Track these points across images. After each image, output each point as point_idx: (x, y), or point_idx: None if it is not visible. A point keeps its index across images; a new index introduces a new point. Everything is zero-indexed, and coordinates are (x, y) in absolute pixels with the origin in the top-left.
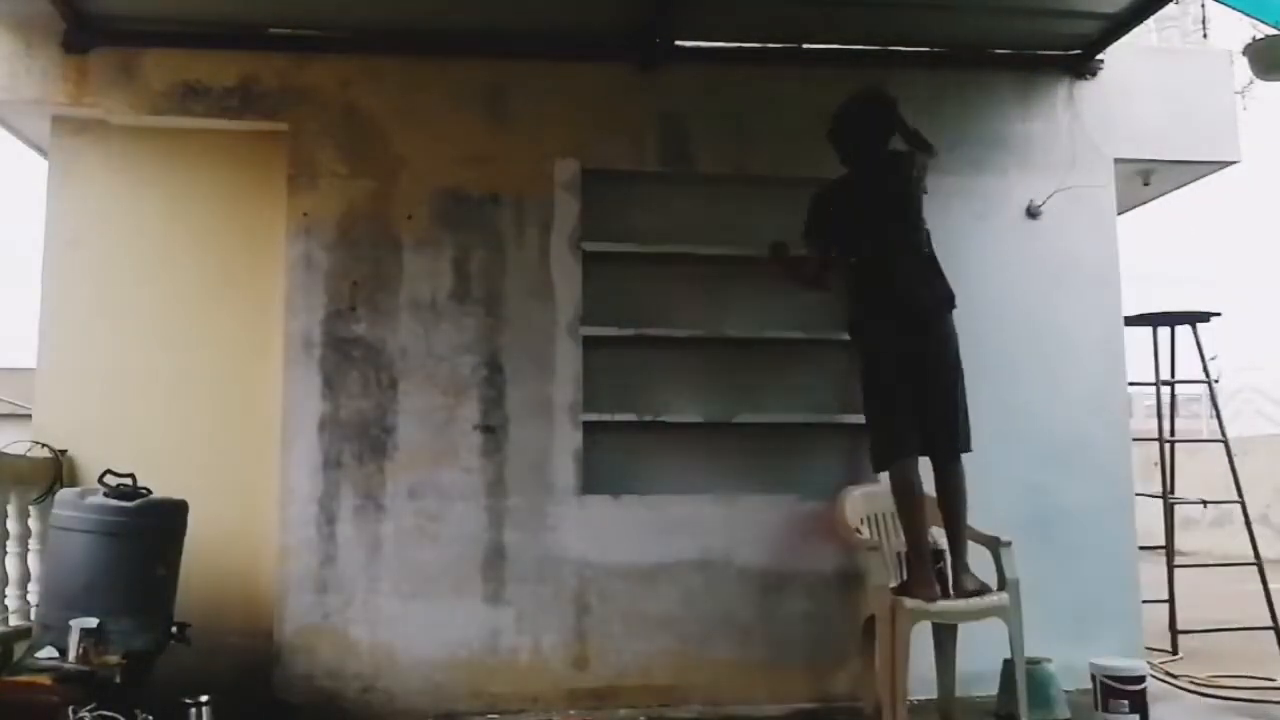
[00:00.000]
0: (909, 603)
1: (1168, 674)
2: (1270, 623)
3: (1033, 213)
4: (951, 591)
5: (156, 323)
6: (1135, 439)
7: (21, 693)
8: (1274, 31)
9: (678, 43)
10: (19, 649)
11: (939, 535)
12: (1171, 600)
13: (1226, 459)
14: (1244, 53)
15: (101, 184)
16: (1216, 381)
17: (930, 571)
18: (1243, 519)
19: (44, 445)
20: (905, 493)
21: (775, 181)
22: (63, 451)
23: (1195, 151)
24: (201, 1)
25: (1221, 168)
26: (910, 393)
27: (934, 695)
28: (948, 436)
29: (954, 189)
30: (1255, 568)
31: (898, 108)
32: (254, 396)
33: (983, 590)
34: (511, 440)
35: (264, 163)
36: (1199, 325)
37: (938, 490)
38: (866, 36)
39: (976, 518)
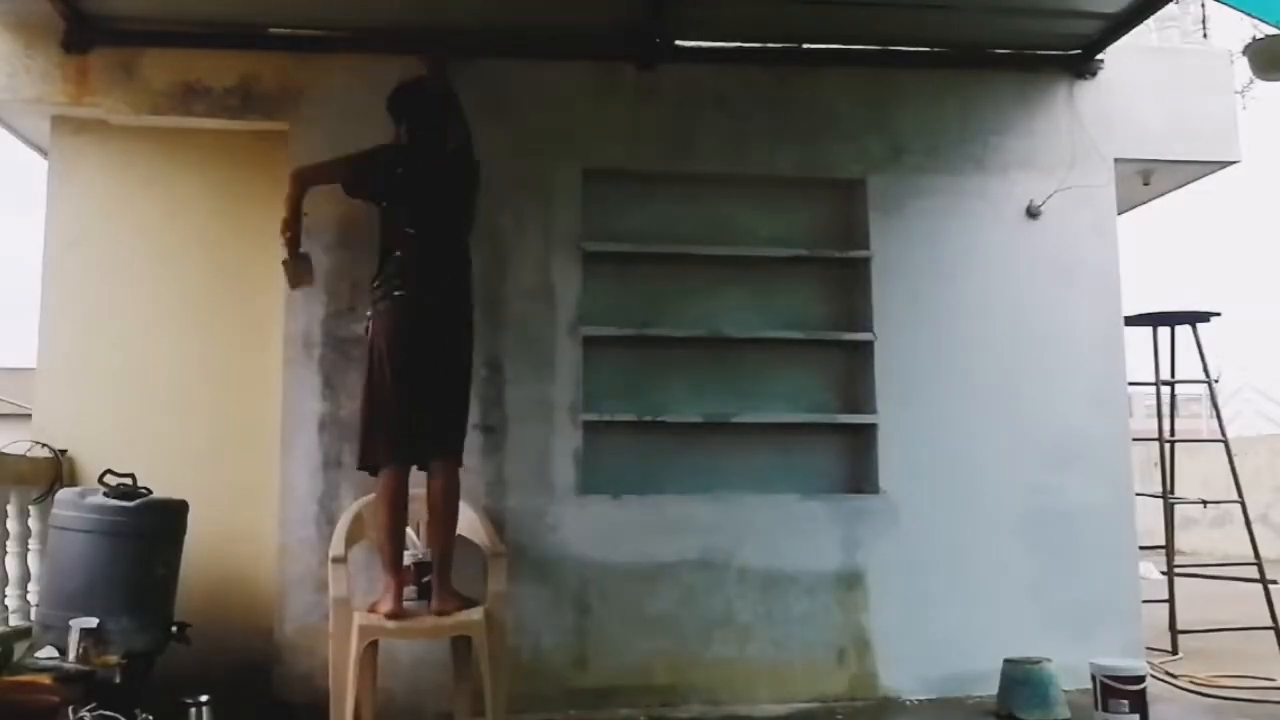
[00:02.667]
0: (360, 619)
1: (1168, 674)
2: (1270, 623)
3: (1033, 213)
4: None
5: (156, 322)
6: (1135, 439)
7: (21, 693)
8: (1274, 31)
9: (678, 43)
10: (19, 649)
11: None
12: (1171, 600)
13: (1226, 459)
14: (1244, 53)
15: (101, 184)
16: (1216, 381)
17: (394, 586)
18: (1243, 519)
19: (44, 445)
20: (383, 501)
21: (775, 181)
22: (63, 451)
23: (1195, 151)
24: (201, 1)
25: (1221, 168)
26: (406, 394)
27: (934, 695)
28: (438, 442)
29: (954, 189)
30: (1255, 567)
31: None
32: (254, 396)
33: (464, 606)
34: (511, 440)
35: (264, 163)
36: (1199, 325)
37: (427, 498)
38: (866, 36)
39: (978, 517)
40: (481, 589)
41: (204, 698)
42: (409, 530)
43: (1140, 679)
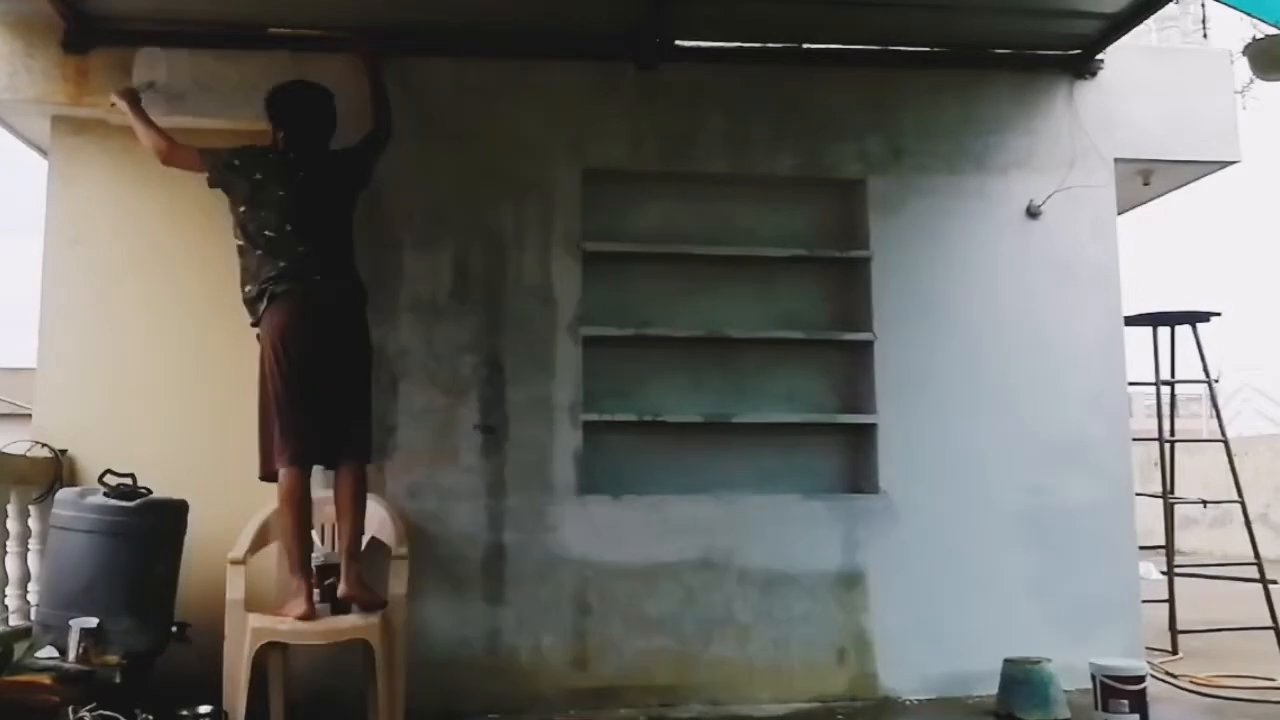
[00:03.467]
0: (254, 621)
1: (1168, 674)
2: (1270, 623)
3: (1033, 213)
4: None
5: (157, 322)
6: (1135, 439)
7: (21, 693)
8: (1274, 31)
9: (677, 42)
10: (19, 649)
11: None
12: (1171, 600)
13: (1226, 459)
14: (1244, 53)
15: (101, 184)
16: (1216, 381)
17: (304, 588)
18: (1243, 519)
19: (44, 445)
20: (288, 501)
21: (775, 181)
22: (63, 451)
23: (1195, 151)
24: (201, 1)
25: (1221, 168)
26: (309, 392)
27: (934, 695)
28: (345, 440)
29: (954, 189)
30: (1255, 567)
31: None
32: (254, 397)
33: (373, 598)
34: (511, 440)
35: None
36: (1199, 325)
37: (335, 496)
38: (866, 36)
39: (978, 517)
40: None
41: (203, 709)
42: (314, 534)
43: (1140, 679)
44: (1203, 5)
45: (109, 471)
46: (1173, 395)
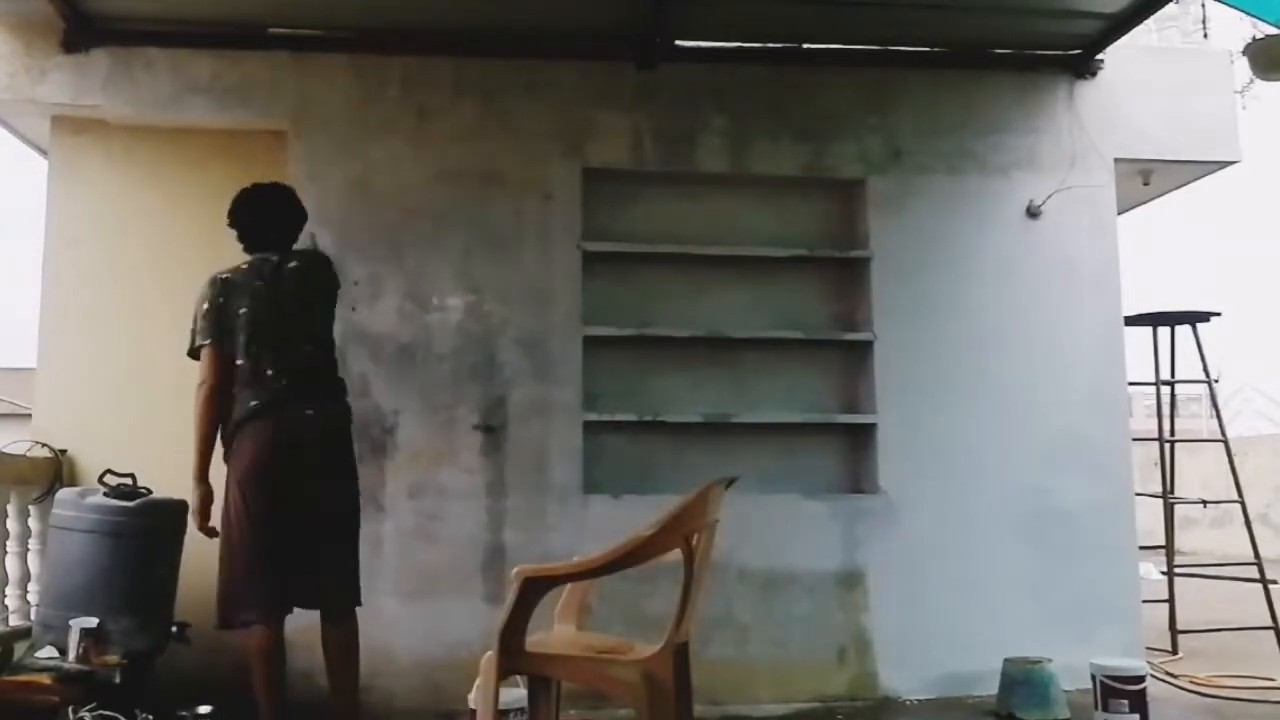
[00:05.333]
0: None
1: (1168, 674)
2: (1270, 623)
3: (1033, 213)
4: None
5: (157, 323)
6: (1135, 439)
7: (21, 692)
8: (1274, 31)
9: (677, 42)
10: (19, 649)
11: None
12: (1171, 600)
13: (1226, 459)
14: (1244, 53)
15: (101, 184)
16: (1217, 381)
17: None
18: (1243, 519)
19: (44, 445)
20: (265, 656)
21: (775, 181)
22: (63, 451)
23: (1195, 151)
24: (201, 1)
25: (1221, 168)
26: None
27: (934, 695)
28: (337, 588)
29: (954, 189)
30: (1255, 567)
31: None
32: None
33: None
34: (511, 440)
35: (264, 162)
36: (1199, 325)
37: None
38: (866, 36)
39: (978, 517)
40: None
41: (203, 709)
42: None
43: (1140, 679)
44: (1203, 5)
45: (109, 471)
46: (1173, 395)
